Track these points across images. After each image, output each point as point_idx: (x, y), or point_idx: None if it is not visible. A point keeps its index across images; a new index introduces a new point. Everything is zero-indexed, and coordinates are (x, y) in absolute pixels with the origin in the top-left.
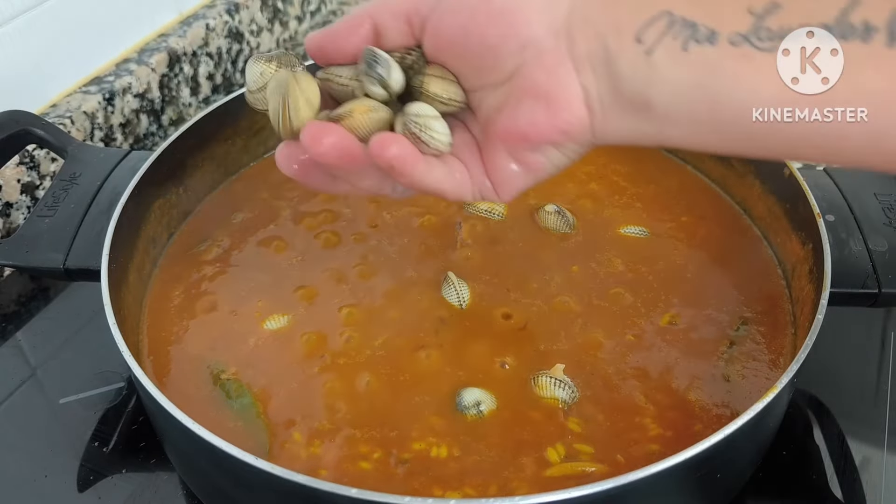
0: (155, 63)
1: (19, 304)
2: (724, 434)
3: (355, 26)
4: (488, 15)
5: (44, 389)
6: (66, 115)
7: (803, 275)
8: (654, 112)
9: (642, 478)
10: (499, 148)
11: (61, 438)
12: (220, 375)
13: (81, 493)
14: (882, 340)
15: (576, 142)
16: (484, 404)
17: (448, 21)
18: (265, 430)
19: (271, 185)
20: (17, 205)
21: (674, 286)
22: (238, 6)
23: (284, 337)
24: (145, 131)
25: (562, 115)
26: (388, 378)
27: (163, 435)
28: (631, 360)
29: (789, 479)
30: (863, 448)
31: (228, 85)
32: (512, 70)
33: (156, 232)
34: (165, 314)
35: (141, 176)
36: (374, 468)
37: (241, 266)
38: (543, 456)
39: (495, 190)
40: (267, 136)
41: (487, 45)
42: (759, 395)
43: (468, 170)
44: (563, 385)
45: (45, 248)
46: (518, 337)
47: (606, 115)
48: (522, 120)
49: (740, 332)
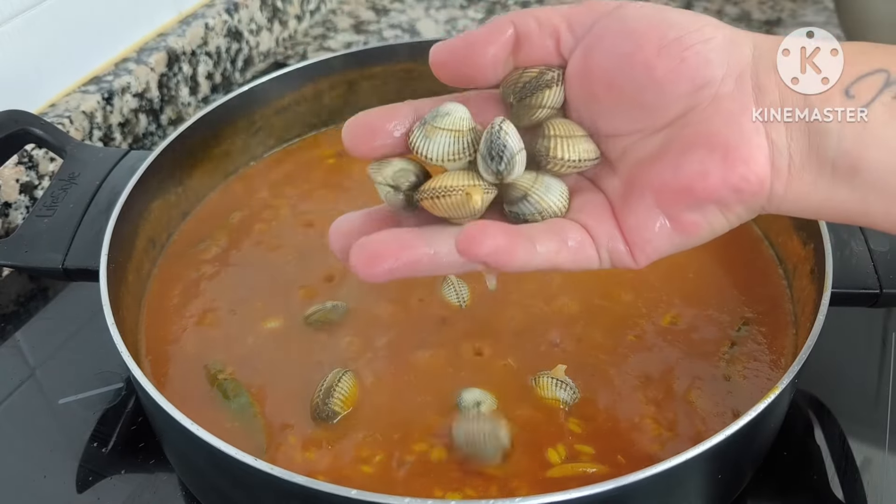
0: (154, 62)
1: (18, 305)
2: (725, 435)
3: (496, 32)
4: (660, 45)
5: (43, 390)
6: (64, 115)
7: (804, 275)
8: (860, 178)
9: (644, 479)
10: (646, 203)
11: (60, 439)
12: (217, 375)
13: (80, 494)
14: (883, 341)
15: (746, 204)
16: (484, 405)
17: (608, 46)
18: (262, 431)
19: (270, 185)
20: (15, 204)
21: (675, 286)
22: (237, 5)
23: (283, 337)
24: (144, 131)
25: (739, 169)
26: (389, 378)
27: (162, 435)
28: (632, 360)
29: (790, 480)
30: (864, 448)
31: (227, 84)
32: (678, 114)
33: (155, 232)
34: (164, 314)
35: (140, 176)
36: (375, 469)
37: (240, 266)
38: (545, 457)
39: (631, 253)
40: (265, 135)
41: (653, 80)
42: (760, 395)
43: (590, 232)
44: (564, 386)
45: (43, 248)
46: (519, 337)
47: (795, 177)
48: (689, 171)
49: (741, 332)
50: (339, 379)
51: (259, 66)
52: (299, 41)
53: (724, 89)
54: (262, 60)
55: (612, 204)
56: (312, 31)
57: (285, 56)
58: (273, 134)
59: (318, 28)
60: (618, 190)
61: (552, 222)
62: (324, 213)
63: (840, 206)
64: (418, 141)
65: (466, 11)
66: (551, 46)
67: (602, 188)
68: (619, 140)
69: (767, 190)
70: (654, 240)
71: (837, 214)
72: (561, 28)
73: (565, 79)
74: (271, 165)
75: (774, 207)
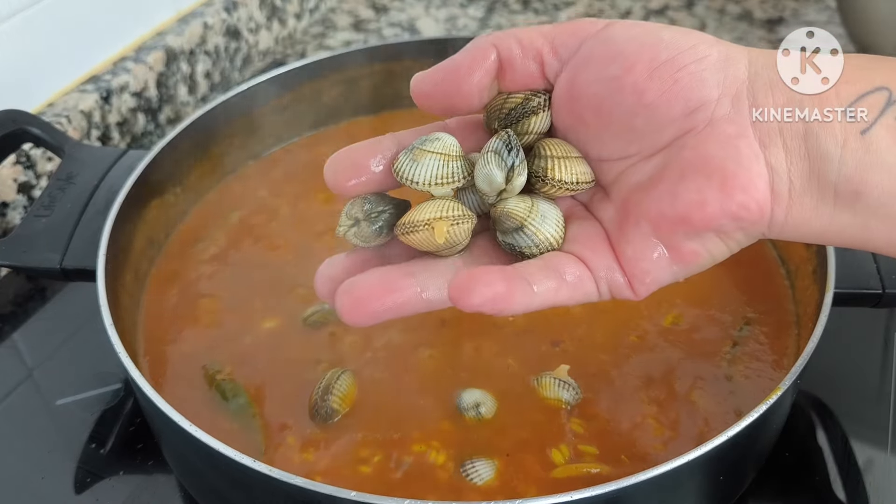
0: (152, 61)
1: (16, 305)
2: (727, 435)
3: (479, 59)
4: (650, 66)
5: (40, 391)
6: (62, 114)
7: (807, 275)
8: (863, 203)
9: (646, 480)
10: (643, 232)
11: (58, 440)
12: (215, 376)
13: (79, 495)
14: (885, 341)
15: (746, 231)
16: (483, 406)
17: (595, 70)
18: (260, 431)
19: (269, 184)
20: (13, 204)
21: (677, 286)
22: (236, 4)
23: (282, 337)
24: (142, 130)
25: (738, 196)
26: (388, 379)
27: (160, 436)
28: (634, 360)
29: (792, 481)
30: (866, 449)
31: (226, 83)
32: (672, 138)
33: (153, 231)
34: (162, 314)
35: (138, 175)
36: (374, 471)
37: (238, 266)
38: (548, 457)
39: (630, 284)
40: (264, 135)
41: (644, 104)
42: (762, 395)
43: (587, 265)
44: (566, 386)
45: (41, 248)
46: (519, 338)
47: (796, 203)
48: (685, 200)
49: (743, 332)
50: (337, 378)
51: (258, 65)
52: (298, 40)
53: (721, 112)
54: (261, 59)
55: (607, 232)
56: (311, 29)
57: (284, 55)
58: (272, 133)
59: (317, 27)
60: (613, 218)
61: (548, 258)
62: (323, 212)
63: (842, 231)
64: (404, 166)
65: (466, 10)
66: (535, 71)
67: (596, 215)
68: (611, 165)
69: (768, 217)
70: (653, 270)
71: (840, 240)
72: (544, 51)
73: (552, 103)
74: (270, 165)
75: (775, 234)
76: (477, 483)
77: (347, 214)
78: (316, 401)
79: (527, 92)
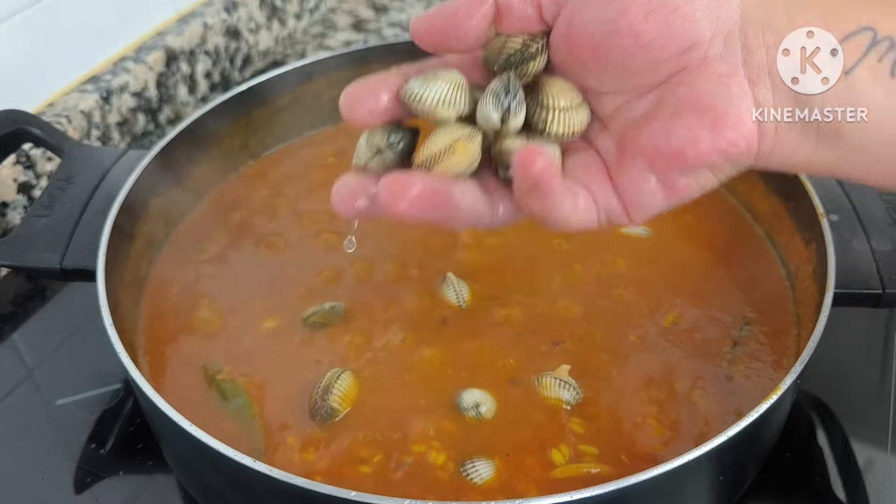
0: (152, 61)
1: (16, 305)
2: (727, 435)
3: (476, 4)
4: (645, 8)
5: (40, 391)
6: (62, 114)
7: (807, 275)
8: (843, 140)
9: (646, 480)
10: (638, 166)
11: (58, 440)
12: (215, 376)
13: (78, 496)
14: (886, 341)
15: (734, 164)
16: (484, 406)
17: (591, 13)
18: (260, 432)
19: (270, 184)
20: (13, 204)
21: (677, 286)
22: (236, 4)
23: (282, 337)
24: (142, 130)
25: (727, 133)
26: (388, 379)
27: (160, 436)
28: (634, 360)
29: (792, 481)
30: (866, 450)
31: (226, 83)
32: (666, 76)
33: (153, 231)
34: (162, 314)
35: (138, 175)
36: (374, 471)
37: (238, 265)
38: (548, 457)
39: (626, 212)
40: (264, 135)
41: (640, 45)
42: (762, 395)
43: (591, 193)
44: (567, 386)
45: (41, 248)
46: (520, 338)
47: (780, 138)
48: (679, 137)
49: (743, 332)
50: (337, 377)
51: (258, 65)
52: (298, 40)
53: (713, 51)
54: (261, 59)
55: (606, 164)
56: (311, 29)
57: (284, 55)
58: (272, 133)
59: (317, 27)
60: (611, 151)
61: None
62: (323, 212)
63: (824, 164)
64: (414, 86)
65: None
66: (532, 14)
67: (595, 146)
68: (609, 98)
69: (755, 151)
70: (648, 200)
71: (821, 171)
72: None
73: (549, 45)
74: (270, 165)
75: (761, 165)
76: (477, 483)
77: (369, 144)
78: (316, 401)
79: (524, 36)
